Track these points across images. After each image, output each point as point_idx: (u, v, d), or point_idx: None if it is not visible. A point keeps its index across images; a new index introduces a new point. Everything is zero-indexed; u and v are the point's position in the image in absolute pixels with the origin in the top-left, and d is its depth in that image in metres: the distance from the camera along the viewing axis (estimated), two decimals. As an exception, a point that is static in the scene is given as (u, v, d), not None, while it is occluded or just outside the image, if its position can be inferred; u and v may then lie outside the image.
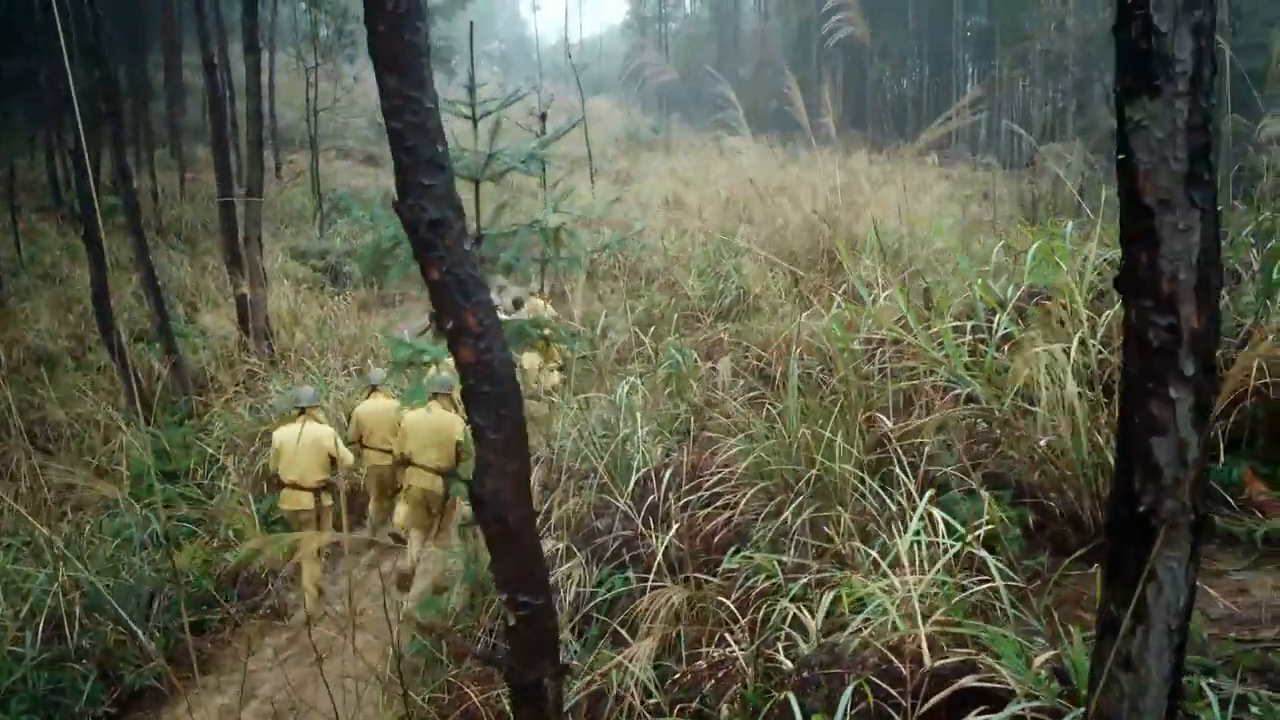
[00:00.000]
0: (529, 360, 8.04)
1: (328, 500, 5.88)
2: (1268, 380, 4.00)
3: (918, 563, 2.65)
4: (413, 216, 1.54)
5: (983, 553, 2.61)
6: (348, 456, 6.22)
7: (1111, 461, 3.83)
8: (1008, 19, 42.48)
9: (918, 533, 2.77)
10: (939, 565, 2.52)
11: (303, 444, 5.76)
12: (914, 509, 3.41)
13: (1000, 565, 2.63)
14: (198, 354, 9.72)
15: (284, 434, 6.02)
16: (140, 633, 4.70)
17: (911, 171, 24.27)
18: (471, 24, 4.54)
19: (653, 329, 7.25)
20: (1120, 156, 1.31)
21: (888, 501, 3.22)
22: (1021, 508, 3.87)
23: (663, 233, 15.22)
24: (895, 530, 3.06)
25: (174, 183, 22.24)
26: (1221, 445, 4.11)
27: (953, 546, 2.65)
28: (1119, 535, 1.48)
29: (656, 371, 6.69)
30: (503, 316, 9.59)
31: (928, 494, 2.89)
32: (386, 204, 2.21)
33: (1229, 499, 3.98)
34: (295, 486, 5.88)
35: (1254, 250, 4.54)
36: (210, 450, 6.86)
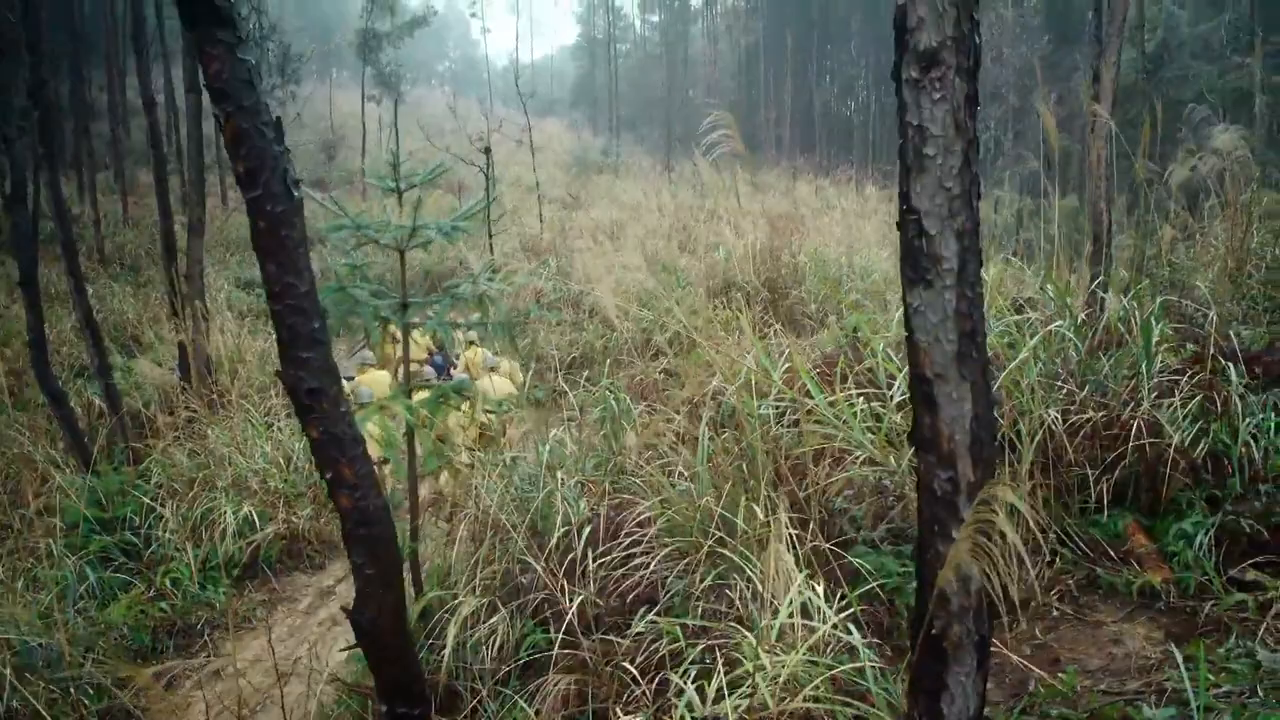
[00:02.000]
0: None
1: None
2: (1145, 441, 4.28)
3: (798, 631, 2.85)
4: (293, 384, 1.72)
5: (850, 635, 2.81)
6: None
7: (1002, 519, 4.09)
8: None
9: (803, 599, 2.96)
10: (809, 643, 2.72)
11: None
12: (815, 569, 3.64)
13: (872, 643, 2.82)
14: (138, 391, 9.71)
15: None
16: (73, 690, 4.78)
17: (853, 199, 24.80)
18: (396, 106, 4.70)
19: (586, 374, 7.42)
20: (906, 334, 1.52)
21: (785, 566, 3.41)
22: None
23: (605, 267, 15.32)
24: (803, 590, 3.27)
25: (117, 209, 22.01)
26: (1106, 499, 4.38)
27: (834, 616, 2.85)
28: (918, 652, 1.69)
29: (590, 414, 6.89)
30: (431, 373, 9.66)
31: (799, 579, 3.08)
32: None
33: (1110, 551, 4.25)
34: None
35: (1135, 313, 4.83)
36: (147, 500, 6.89)
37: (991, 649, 3.77)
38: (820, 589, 3.03)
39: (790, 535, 3.38)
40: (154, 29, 22.32)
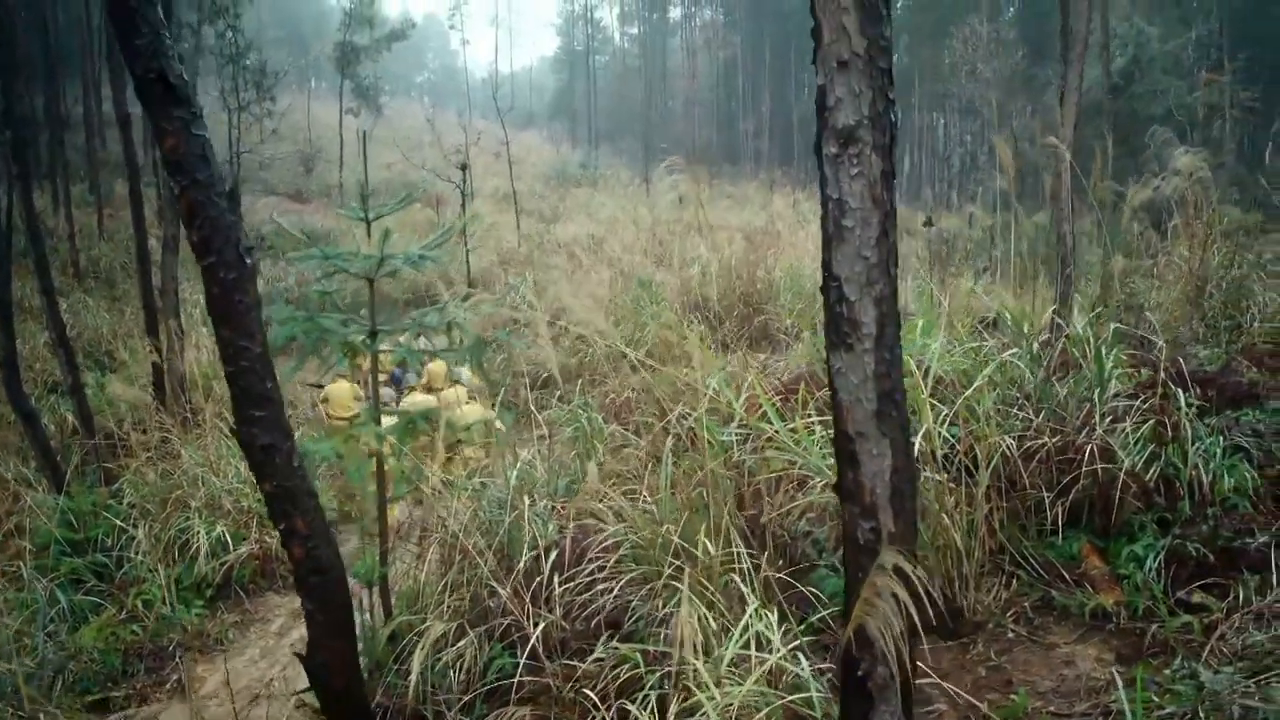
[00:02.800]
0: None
1: None
2: (1098, 466, 4.39)
3: (752, 660, 2.93)
4: (247, 441, 1.80)
5: (800, 666, 2.89)
6: None
7: (959, 542, 4.20)
8: (926, 58, 43.95)
9: (754, 630, 3.04)
10: (759, 673, 2.80)
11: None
12: (770, 595, 3.72)
13: (828, 669, 2.90)
14: (111, 409, 9.69)
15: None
16: (42, 716, 4.80)
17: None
18: (365, 152, 4.77)
19: (558, 394, 7.48)
20: (830, 393, 1.61)
21: (744, 591, 3.49)
22: (880, 584, 4.19)
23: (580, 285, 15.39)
24: (758, 617, 3.35)
25: (92, 221, 21.90)
26: (1062, 521, 4.49)
27: (783, 647, 2.93)
28: (845, 693, 1.77)
29: (563, 434, 6.96)
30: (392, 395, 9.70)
31: (751, 609, 3.15)
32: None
33: (1065, 574, 4.35)
34: None
35: (1088, 341, 4.95)
36: (119, 522, 6.89)
37: (946, 673, 3.87)
38: (774, 617, 3.10)
39: (748, 564, 3.46)
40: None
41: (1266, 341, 7.08)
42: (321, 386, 9.33)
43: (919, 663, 3.97)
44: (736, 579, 3.18)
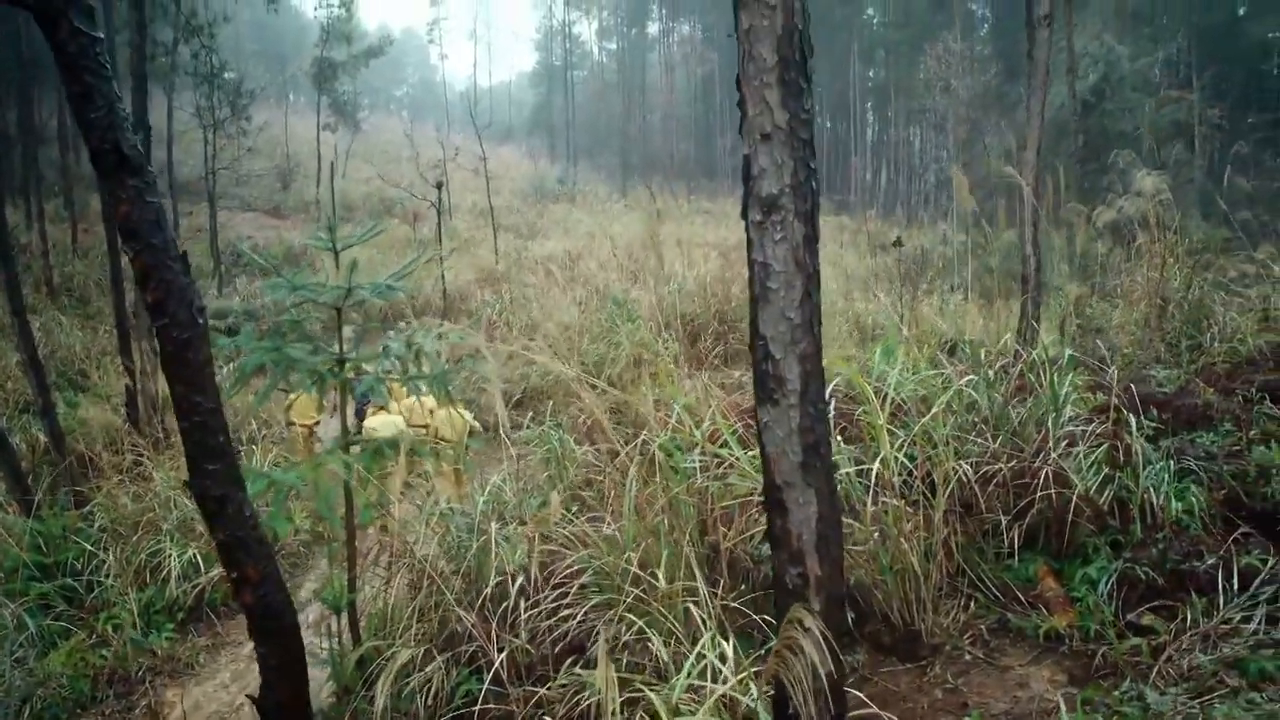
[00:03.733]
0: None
1: None
2: (1052, 491, 4.49)
3: (707, 688, 2.99)
4: (200, 493, 1.86)
5: (750, 695, 2.96)
6: None
7: (917, 566, 4.29)
8: (902, 73, 44.42)
9: (708, 659, 3.11)
10: (711, 701, 2.86)
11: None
12: (727, 623, 3.79)
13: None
14: (83, 430, 9.68)
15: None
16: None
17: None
18: (333, 183, 4.83)
19: (530, 414, 7.54)
20: (759, 446, 1.69)
21: (700, 617, 3.56)
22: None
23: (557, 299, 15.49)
24: (712, 645, 3.41)
25: (66, 237, 21.80)
26: (1018, 544, 4.59)
27: (733, 677, 2.99)
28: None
29: (534, 455, 7.03)
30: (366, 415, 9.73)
31: (705, 637, 3.22)
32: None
33: (1021, 596, 4.45)
34: None
35: (1044, 366, 5.06)
36: (89, 546, 6.88)
37: (904, 696, 3.96)
38: (729, 646, 3.17)
39: (705, 592, 3.53)
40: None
41: (1225, 361, 7.22)
42: (289, 392, 9.37)
43: (886, 685, 4.08)
44: (692, 607, 3.25)
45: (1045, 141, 8.23)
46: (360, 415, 9.10)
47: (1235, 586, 3.99)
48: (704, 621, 3.31)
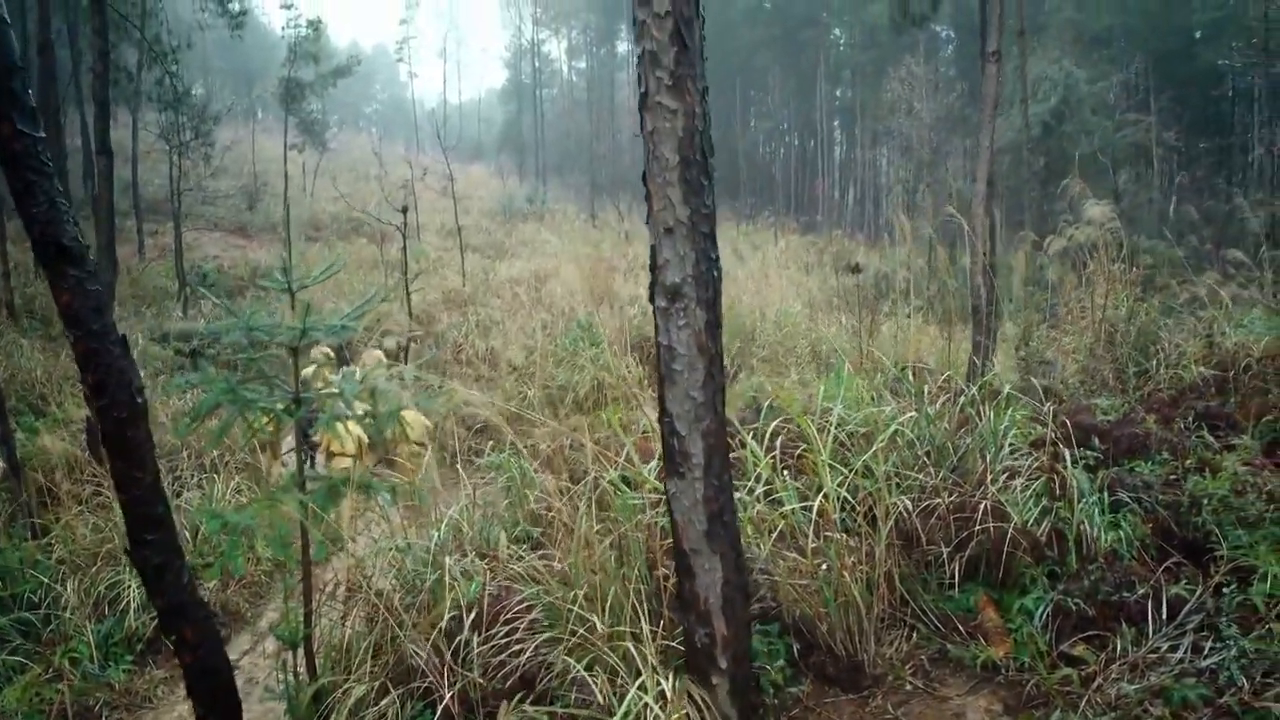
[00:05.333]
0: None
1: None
2: (990, 525, 4.63)
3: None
4: (141, 562, 1.95)
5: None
6: None
7: (859, 598, 4.42)
8: (868, 94, 44.97)
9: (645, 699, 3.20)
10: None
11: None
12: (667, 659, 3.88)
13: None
14: (42, 456, 9.61)
15: None
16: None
17: (771, 249, 25.44)
18: (287, 262, 4.91)
19: (493, 442, 7.62)
20: (668, 515, 1.80)
21: (642, 654, 3.65)
22: (787, 639, 4.40)
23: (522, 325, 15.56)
24: (652, 684, 3.51)
25: (28, 258, 21.57)
26: (959, 575, 4.72)
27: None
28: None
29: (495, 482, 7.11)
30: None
31: (644, 675, 3.32)
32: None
33: (960, 626, 4.58)
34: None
35: (984, 400, 5.22)
36: (46, 579, 6.86)
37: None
38: (669, 684, 3.27)
39: (647, 630, 3.63)
40: (67, 80, 22.03)
41: (1170, 388, 7.44)
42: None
43: (829, 715, 4.19)
44: (631, 646, 3.34)
45: (1005, 166, 8.45)
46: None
47: (1164, 616, 4.15)
48: (643, 660, 3.41)
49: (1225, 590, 4.22)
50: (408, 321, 16.75)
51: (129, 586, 6.92)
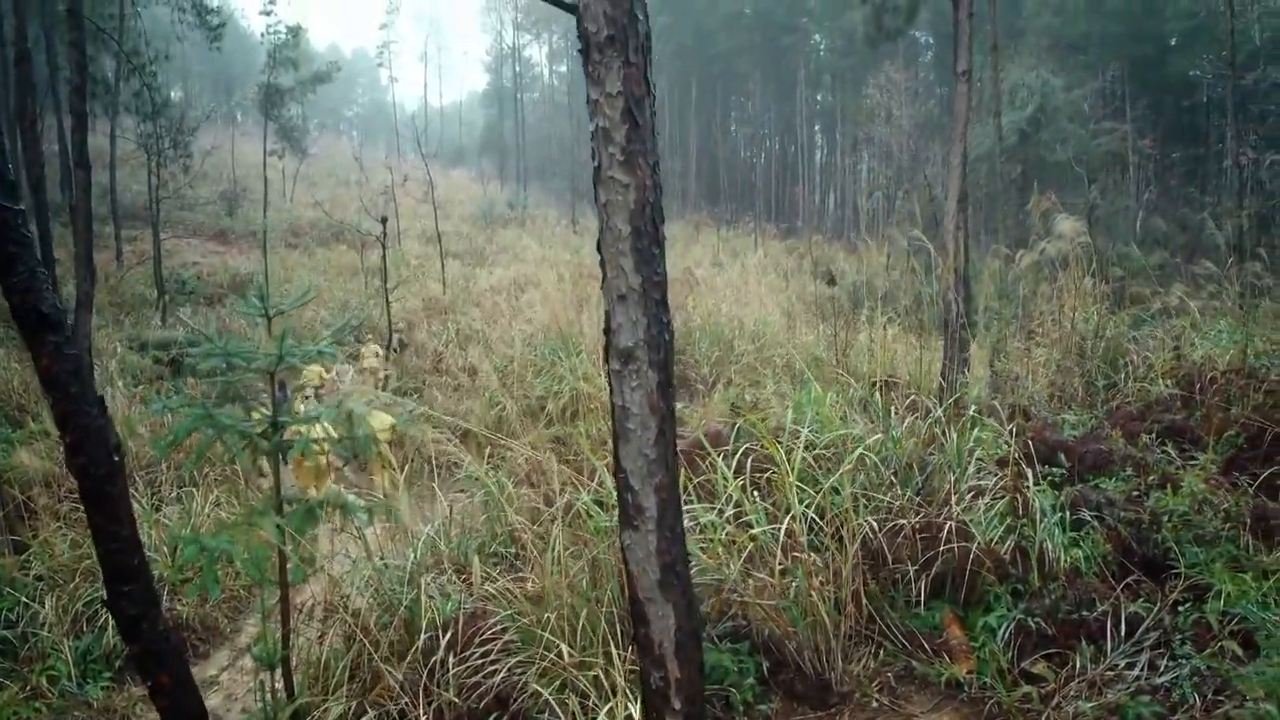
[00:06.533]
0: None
1: None
2: (954, 545, 4.74)
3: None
4: (118, 610, 2.02)
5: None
6: None
7: (826, 617, 4.51)
8: (848, 99, 45.24)
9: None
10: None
11: None
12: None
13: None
14: (18, 471, 9.60)
15: None
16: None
17: (750, 255, 25.56)
18: (264, 288, 4.97)
19: (468, 459, 7.67)
20: (623, 565, 1.89)
21: (610, 678, 3.74)
22: (756, 657, 4.49)
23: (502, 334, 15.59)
24: (620, 709, 3.59)
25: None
26: (925, 593, 4.82)
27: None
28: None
29: (473, 497, 7.17)
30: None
31: (615, 699, 3.40)
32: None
33: (926, 644, 4.68)
34: None
35: (949, 424, 5.33)
36: (24, 596, 6.87)
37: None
38: (636, 709, 3.35)
39: (616, 653, 3.71)
40: (45, 87, 21.90)
41: (1138, 401, 7.56)
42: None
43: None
44: (602, 673, 3.42)
45: (981, 174, 8.59)
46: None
47: (1123, 633, 4.26)
48: (613, 687, 3.50)
49: (1181, 608, 4.33)
50: (389, 334, 16.76)
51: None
